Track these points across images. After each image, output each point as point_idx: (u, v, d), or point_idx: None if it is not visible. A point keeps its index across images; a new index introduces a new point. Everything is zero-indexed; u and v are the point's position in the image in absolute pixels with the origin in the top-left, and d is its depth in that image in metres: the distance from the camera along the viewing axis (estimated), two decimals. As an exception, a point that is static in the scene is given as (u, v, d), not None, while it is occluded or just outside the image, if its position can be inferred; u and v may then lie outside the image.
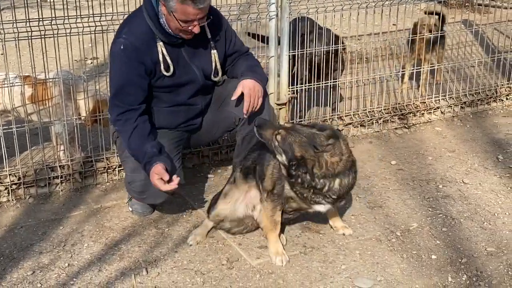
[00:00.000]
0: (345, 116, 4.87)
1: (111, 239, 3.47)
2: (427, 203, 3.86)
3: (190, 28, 3.25)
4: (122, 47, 3.29)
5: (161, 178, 3.17)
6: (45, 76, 3.94)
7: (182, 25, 3.22)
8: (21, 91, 3.89)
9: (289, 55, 4.49)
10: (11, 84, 3.82)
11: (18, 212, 3.75)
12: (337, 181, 3.07)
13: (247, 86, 3.43)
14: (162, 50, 3.34)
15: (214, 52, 3.51)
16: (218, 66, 3.55)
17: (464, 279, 3.11)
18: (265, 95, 3.57)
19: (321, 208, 3.20)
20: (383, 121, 4.98)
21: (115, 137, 3.66)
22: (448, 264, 3.23)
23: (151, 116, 3.49)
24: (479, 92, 5.38)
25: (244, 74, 3.50)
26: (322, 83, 4.74)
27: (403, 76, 5.55)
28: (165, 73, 3.37)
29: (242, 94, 3.44)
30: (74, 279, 3.12)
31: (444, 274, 3.15)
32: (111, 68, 3.38)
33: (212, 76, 3.56)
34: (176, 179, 3.19)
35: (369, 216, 3.72)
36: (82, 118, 4.11)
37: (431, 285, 3.06)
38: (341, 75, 5.01)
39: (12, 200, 3.84)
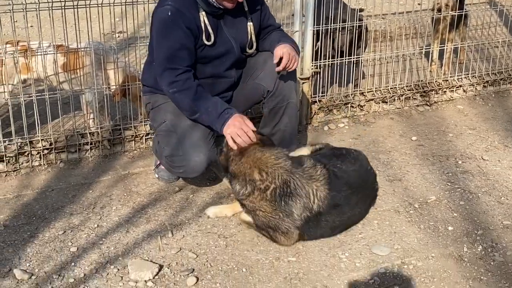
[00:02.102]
0: (367, 92, 4.94)
1: (138, 203, 3.61)
2: (446, 178, 3.94)
3: (224, 3, 3.32)
4: (169, 14, 3.31)
5: (239, 129, 3.21)
6: (77, 46, 4.07)
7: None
8: (54, 59, 4.02)
9: (313, 30, 4.56)
10: (44, 52, 3.95)
11: (50, 176, 3.90)
12: None
13: (285, 48, 3.51)
14: (204, 19, 3.39)
15: (250, 24, 3.57)
16: (253, 38, 3.61)
17: (479, 249, 3.20)
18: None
19: None
20: (405, 98, 5.04)
21: (149, 108, 3.68)
22: (464, 236, 3.32)
23: None
24: (502, 71, 5.42)
25: (281, 41, 3.56)
26: (345, 59, 4.81)
27: (431, 55, 5.58)
28: (206, 42, 3.41)
29: (270, 64, 3.53)
30: (103, 239, 3.26)
31: (460, 244, 3.24)
32: (159, 34, 3.36)
33: (247, 48, 3.63)
34: (253, 137, 3.23)
35: (388, 188, 3.81)
36: (112, 89, 4.24)
37: (446, 254, 3.16)
38: (363, 52, 5.08)
39: (44, 164, 3.99)
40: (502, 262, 3.10)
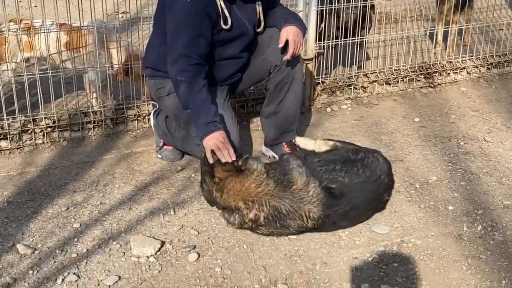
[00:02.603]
0: (371, 73, 4.94)
1: (140, 182, 3.63)
2: (448, 159, 3.94)
3: None
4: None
5: (221, 143, 3.18)
6: (80, 24, 4.08)
7: None
8: (57, 37, 4.03)
9: (317, 11, 4.55)
10: (47, 31, 3.96)
11: (53, 154, 3.93)
12: None
13: (291, 32, 3.50)
14: (220, 3, 3.36)
15: (259, 3, 3.56)
16: (261, 17, 3.61)
17: (479, 229, 3.22)
18: None
19: None
20: (408, 79, 5.04)
21: (164, 93, 3.62)
22: (464, 215, 3.33)
23: None
24: (506, 53, 5.40)
25: (288, 20, 3.55)
26: (349, 40, 4.80)
27: (435, 37, 5.57)
28: (223, 26, 3.39)
29: (277, 39, 3.54)
30: (106, 216, 3.29)
31: (459, 223, 3.26)
32: (177, 20, 3.32)
33: (256, 28, 3.62)
34: (233, 155, 3.17)
35: (390, 169, 3.82)
36: (114, 68, 4.25)
37: (446, 233, 3.17)
38: (368, 33, 5.07)
39: (47, 142, 4.01)
40: (502, 241, 3.11)
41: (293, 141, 3.90)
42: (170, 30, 3.36)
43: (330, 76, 4.86)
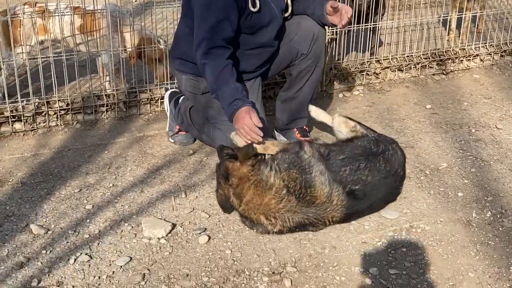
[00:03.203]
0: (383, 60, 4.93)
1: (152, 165, 3.67)
2: (459, 146, 3.95)
3: None
4: None
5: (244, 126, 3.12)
6: (94, 8, 4.10)
7: None
8: (71, 21, 4.06)
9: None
10: (61, 14, 3.99)
11: (66, 136, 3.97)
12: None
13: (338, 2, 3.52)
14: None
15: None
16: (289, 2, 3.60)
17: (488, 215, 3.23)
18: None
19: None
20: (421, 66, 5.03)
21: (198, 91, 3.60)
22: (473, 202, 3.34)
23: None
24: (520, 41, 5.37)
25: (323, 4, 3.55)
26: (362, 26, 4.80)
27: (449, 24, 5.54)
28: (252, 8, 3.36)
29: (305, 27, 3.58)
30: (118, 198, 3.33)
31: (469, 210, 3.27)
32: (203, 4, 3.30)
33: (283, 12, 3.60)
34: (260, 133, 3.12)
35: (401, 155, 3.83)
36: (127, 51, 4.28)
37: (455, 219, 3.19)
38: (381, 19, 5.06)
39: (61, 124, 4.06)
40: (511, 228, 3.12)
41: (304, 127, 3.92)
42: (197, 14, 3.34)
43: (342, 62, 4.86)
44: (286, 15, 3.64)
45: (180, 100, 3.90)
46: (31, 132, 3.98)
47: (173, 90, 4.05)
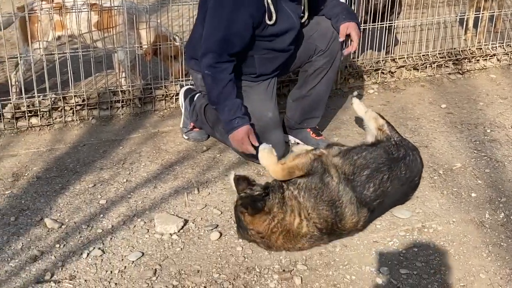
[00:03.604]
0: (399, 58, 4.91)
1: (166, 161, 3.69)
2: (473, 146, 3.93)
3: None
4: None
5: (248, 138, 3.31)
6: (110, 5, 4.13)
7: None
8: (88, 17, 4.10)
9: (347, -5, 4.54)
10: (78, 10, 4.03)
11: (82, 132, 4.01)
12: None
13: (353, 28, 3.56)
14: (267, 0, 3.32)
15: None
16: (306, 7, 3.57)
17: (501, 216, 3.21)
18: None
19: None
20: (436, 65, 5.01)
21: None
22: (487, 202, 3.33)
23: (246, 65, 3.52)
24: (538, 41, 5.33)
25: (345, 16, 3.58)
26: (378, 25, 4.79)
27: (466, 23, 5.51)
28: (268, 21, 3.35)
29: (324, 26, 3.59)
30: (131, 193, 3.36)
31: (482, 211, 3.25)
32: (217, 12, 3.30)
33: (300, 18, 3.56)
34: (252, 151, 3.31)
35: (414, 154, 3.81)
36: (143, 48, 4.31)
37: (468, 220, 3.18)
38: (397, 18, 5.04)
39: (76, 120, 4.10)
40: (524, 229, 3.11)
41: (317, 127, 3.93)
42: (209, 18, 3.34)
43: (357, 60, 4.85)
44: (303, 20, 3.61)
45: (195, 98, 3.92)
46: (47, 127, 4.03)
47: (188, 87, 4.08)
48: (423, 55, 4.97)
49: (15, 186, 3.39)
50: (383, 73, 4.87)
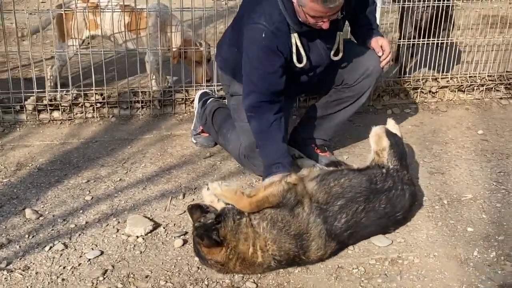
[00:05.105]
0: (441, 78, 4.64)
1: (167, 163, 3.70)
2: (495, 177, 3.63)
3: (319, 24, 3.09)
4: (263, 35, 3.13)
5: None
6: (144, 7, 4.21)
7: (310, 21, 3.07)
8: (119, 18, 4.20)
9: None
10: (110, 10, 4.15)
11: (99, 128, 4.12)
12: None
13: (383, 40, 3.49)
14: (296, 42, 3.19)
15: (339, 33, 3.35)
16: (341, 47, 3.38)
17: (492, 256, 2.93)
18: None
19: None
20: (486, 88, 4.68)
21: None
22: (481, 239, 3.05)
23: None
24: None
25: (375, 35, 3.52)
26: (425, 41, 4.55)
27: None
28: (297, 64, 3.25)
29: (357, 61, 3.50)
30: (119, 192, 3.40)
31: (471, 247, 2.99)
32: (250, 53, 3.21)
33: (332, 55, 3.38)
34: None
35: (425, 181, 3.58)
36: (170, 51, 4.35)
37: (451, 256, 2.93)
38: (450, 35, 4.76)
39: (97, 117, 4.21)
40: (511, 272, 2.82)
41: (327, 140, 3.79)
42: (246, 61, 3.25)
43: (395, 78, 4.63)
44: (335, 59, 3.40)
45: (208, 101, 3.91)
46: (68, 122, 4.17)
47: (204, 90, 4.07)
48: (469, 76, 4.66)
49: (15, 175, 3.54)
50: (422, 92, 4.62)
